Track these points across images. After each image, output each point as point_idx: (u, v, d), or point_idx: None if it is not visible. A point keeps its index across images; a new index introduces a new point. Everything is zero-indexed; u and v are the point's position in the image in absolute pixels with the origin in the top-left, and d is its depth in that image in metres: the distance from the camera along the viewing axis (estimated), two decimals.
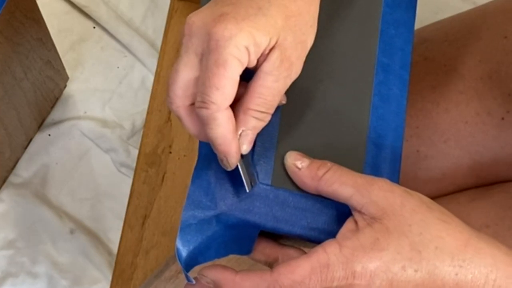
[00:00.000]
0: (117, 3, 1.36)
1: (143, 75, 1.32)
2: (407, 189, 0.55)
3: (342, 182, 0.56)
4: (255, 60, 0.54)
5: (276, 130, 0.61)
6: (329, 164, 0.57)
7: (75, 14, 1.35)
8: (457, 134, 0.82)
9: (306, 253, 0.54)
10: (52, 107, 1.27)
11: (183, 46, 0.55)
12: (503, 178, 0.83)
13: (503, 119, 0.80)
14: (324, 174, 0.57)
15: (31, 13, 1.04)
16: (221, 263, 0.57)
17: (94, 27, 1.34)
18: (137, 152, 1.22)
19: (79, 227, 1.21)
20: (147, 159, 1.20)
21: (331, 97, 0.63)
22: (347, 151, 0.61)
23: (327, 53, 0.64)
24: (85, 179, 1.24)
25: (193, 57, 0.55)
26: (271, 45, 0.54)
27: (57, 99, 1.27)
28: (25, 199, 1.21)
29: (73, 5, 1.35)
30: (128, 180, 1.23)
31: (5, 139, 1.14)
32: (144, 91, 1.31)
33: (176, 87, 0.55)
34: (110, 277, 1.15)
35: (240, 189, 0.59)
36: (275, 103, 0.56)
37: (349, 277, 0.52)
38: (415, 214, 0.54)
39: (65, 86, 1.28)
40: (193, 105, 0.56)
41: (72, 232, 1.20)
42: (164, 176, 1.19)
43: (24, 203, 1.21)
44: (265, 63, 0.54)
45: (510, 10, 0.84)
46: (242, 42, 0.53)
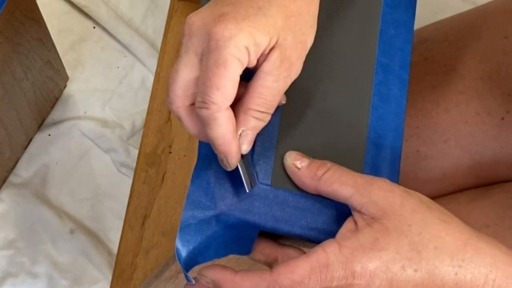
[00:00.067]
0: (117, 3, 1.36)
1: (143, 75, 1.32)
2: (406, 189, 0.55)
3: (342, 182, 0.56)
4: (255, 60, 0.54)
5: (276, 130, 0.61)
6: (328, 164, 0.57)
7: (75, 14, 1.35)
8: (457, 134, 0.82)
9: (305, 253, 0.54)
10: (52, 107, 1.27)
11: (183, 46, 0.55)
12: (503, 178, 0.83)
13: (503, 119, 0.80)
14: (324, 174, 0.57)
15: (31, 13, 1.04)
16: (221, 263, 0.57)
17: (94, 27, 1.34)
18: (137, 152, 1.22)
19: (79, 227, 1.21)
20: (147, 159, 1.20)
21: (330, 97, 0.62)
22: (346, 151, 0.61)
23: (327, 53, 0.64)
24: (85, 179, 1.24)
25: (193, 57, 0.55)
26: (271, 45, 0.54)
27: (57, 99, 1.27)
28: (25, 199, 1.21)
29: (73, 5, 1.35)
30: (128, 180, 1.22)
31: (5, 139, 1.14)
32: (144, 91, 1.31)
33: (176, 87, 0.55)
34: (110, 277, 1.15)
35: (239, 189, 0.59)
36: (275, 103, 0.56)
37: (348, 277, 0.52)
38: (414, 214, 0.53)
39: (65, 86, 1.28)
40: (193, 105, 0.56)
41: (72, 232, 1.20)
42: (164, 176, 1.19)
43: (24, 203, 1.21)
44: (265, 63, 0.54)
45: (510, 10, 0.84)
46: (242, 42, 0.53)
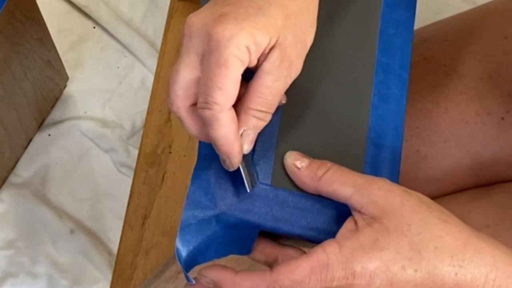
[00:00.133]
0: (117, 3, 1.36)
1: (143, 75, 1.32)
2: (406, 189, 0.55)
3: (342, 182, 0.56)
4: (255, 59, 0.54)
5: (276, 130, 0.61)
6: (328, 164, 0.57)
7: (75, 14, 1.35)
8: (457, 134, 0.82)
9: (305, 253, 0.54)
10: (52, 107, 1.27)
11: (183, 47, 0.55)
12: (503, 178, 0.83)
13: (503, 119, 0.80)
14: (324, 174, 0.57)
15: (31, 13, 1.04)
16: (221, 263, 0.57)
17: (94, 27, 1.34)
18: (137, 152, 1.22)
19: (79, 227, 1.21)
20: (147, 159, 1.20)
21: (331, 97, 0.62)
22: (346, 151, 0.61)
23: (327, 52, 0.64)
24: (85, 179, 1.24)
25: (194, 57, 0.55)
26: (271, 44, 0.54)
27: (57, 99, 1.27)
28: (25, 199, 1.21)
29: (73, 5, 1.35)
30: (128, 180, 1.22)
31: (5, 139, 1.14)
32: (144, 91, 1.31)
33: (177, 88, 0.55)
34: (110, 277, 1.15)
35: (239, 189, 0.59)
36: (275, 102, 0.56)
37: (349, 277, 0.52)
38: (414, 214, 0.53)
39: (65, 86, 1.28)
40: (193, 106, 0.56)
41: (72, 232, 1.20)
42: (164, 176, 1.19)
43: (24, 203, 1.21)
44: (265, 62, 0.54)
45: (510, 10, 0.83)
46: (242, 41, 0.53)
